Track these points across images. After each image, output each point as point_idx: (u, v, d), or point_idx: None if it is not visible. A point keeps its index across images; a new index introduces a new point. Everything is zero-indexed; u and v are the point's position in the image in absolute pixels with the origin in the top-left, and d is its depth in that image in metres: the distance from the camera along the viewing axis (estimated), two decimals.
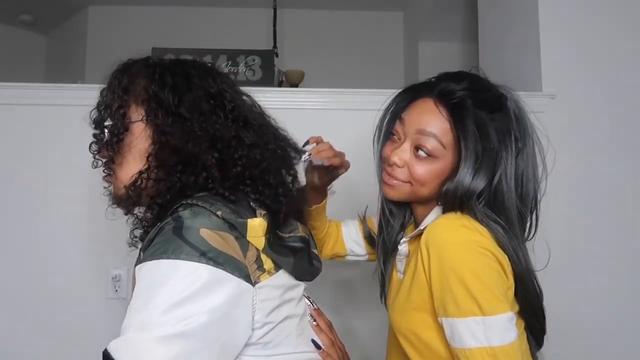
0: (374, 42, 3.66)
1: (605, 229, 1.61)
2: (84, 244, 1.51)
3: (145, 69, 0.79)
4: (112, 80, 0.80)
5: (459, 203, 0.82)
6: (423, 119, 0.86)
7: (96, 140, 0.81)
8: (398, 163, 0.87)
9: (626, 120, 1.65)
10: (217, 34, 3.43)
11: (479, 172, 0.81)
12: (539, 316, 0.86)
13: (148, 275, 0.64)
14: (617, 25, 1.69)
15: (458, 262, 0.75)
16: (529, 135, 0.86)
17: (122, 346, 0.60)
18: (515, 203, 0.83)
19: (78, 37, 3.58)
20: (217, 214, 0.68)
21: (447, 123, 0.84)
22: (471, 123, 0.82)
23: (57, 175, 1.52)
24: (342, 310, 1.57)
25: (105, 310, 1.49)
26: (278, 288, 0.73)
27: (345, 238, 1.16)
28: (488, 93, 0.87)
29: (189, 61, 0.83)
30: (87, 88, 1.59)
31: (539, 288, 0.85)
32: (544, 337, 0.89)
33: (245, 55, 2.24)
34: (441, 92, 0.86)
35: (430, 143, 0.84)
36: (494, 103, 0.85)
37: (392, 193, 0.90)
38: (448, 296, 0.76)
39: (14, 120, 1.53)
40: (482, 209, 0.81)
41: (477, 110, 0.83)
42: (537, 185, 0.87)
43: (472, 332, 0.73)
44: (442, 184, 0.85)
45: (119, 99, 0.78)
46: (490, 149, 0.81)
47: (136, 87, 0.78)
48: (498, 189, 0.82)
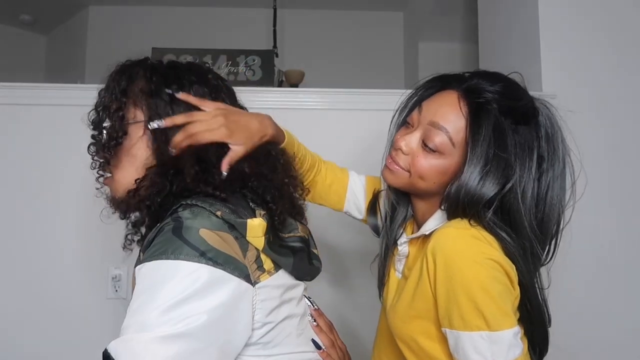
0: (374, 42, 3.66)
1: (605, 229, 1.61)
2: (84, 244, 1.51)
3: (144, 71, 0.79)
4: (110, 81, 0.79)
5: (463, 209, 0.78)
6: (440, 111, 0.82)
7: (94, 142, 0.80)
8: (403, 149, 0.85)
9: (626, 120, 1.65)
10: (217, 34, 3.43)
11: (486, 178, 0.77)
12: (541, 337, 0.84)
13: (148, 276, 0.64)
14: (617, 25, 1.69)
15: (466, 276, 0.73)
16: (558, 158, 0.81)
17: (122, 346, 0.60)
18: (530, 224, 0.78)
19: (78, 37, 3.58)
20: (216, 214, 0.69)
21: (463, 120, 0.80)
22: (489, 126, 0.78)
23: (57, 175, 1.52)
24: (343, 309, 1.57)
25: (105, 310, 1.49)
26: (278, 288, 0.73)
27: (348, 199, 1.08)
28: (519, 102, 0.81)
29: (185, 64, 0.83)
30: (87, 88, 1.59)
31: (547, 311, 0.84)
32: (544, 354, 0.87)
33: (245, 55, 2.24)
34: (469, 87, 0.82)
35: (439, 137, 0.81)
36: (522, 114, 0.80)
37: (390, 177, 0.87)
38: (454, 308, 0.74)
39: (14, 120, 1.53)
40: (491, 217, 0.77)
41: (500, 116, 0.78)
42: (562, 211, 0.83)
43: (476, 347, 0.72)
44: (444, 184, 0.83)
45: (117, 100, 0.77)
46: (503, 158, 0.77)
47: (134, 88, 0.78)
48: (508, 203, 0.78)
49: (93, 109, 0.80)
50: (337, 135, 1.59)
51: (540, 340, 0.84)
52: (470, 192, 0.78)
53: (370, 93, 1.61)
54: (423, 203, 0.90)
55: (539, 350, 0.85)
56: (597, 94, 1.66)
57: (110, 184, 0.81)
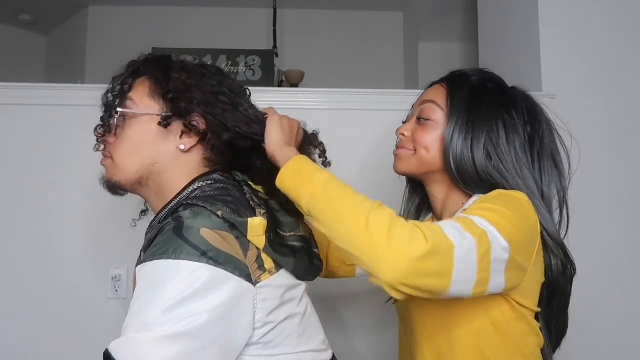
0: (374, 42, 3.65)
1: (605, 229, 1.61)
2: (84, 244, 1.51)
3: (160, 65, 0.81)
4: (128, 68, 0.82)
5: (472, 171, 0.84)
6: (425, 94, 0.95)
7: (102, 124, 0.81)
8: (405, 133, 0.93)
9: (626, 120, 1.65)
10: (217, 34, 3.43)
11: (472, 136, 0.84)
12: (561, 306, 0.86)
13: (149, 276, 0.64)
14: (617, 25, 1.69)
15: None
16: (539, 122, 0.88)
17: (123, 346, 0.60)
18: (535, 181, 0.85)
19: (78, 37, 3.58)
20: (217, 213, 0.69)
21: (445, 90, 0.91)
22: (465, 89, 0.88)
23: (57, 175, 1.51)
24: (343, 309, 1.57)
25: (105, 310, 1.49)
26: (279, 288, 0.73)
27: None
28: (493, 75, 0.93)
29: (201, 65, 0.85)
30: (87, 88, 1.59)
31: (571, 266, 0.86)
32: (562, 338, 0.89)
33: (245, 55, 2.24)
34: (450, 73, 0.94)
35: (428, 108, 0.90)
36: (496, 84, 0.91)
37: (400, 164, 0.93)
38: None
39: (14, 120, 1.53)
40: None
41: (477, 83, 0.89)
42: (563, 179, 0.88)
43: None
44: (444, 154, 0.87)
45: (129, 88, 0.80)
46: (483, 117, 0.85)
47: (146, 81, 0.80)
48: (500, 162, 0.83)
49: (107, 92, 0.83)
50: (337, 135, 1.57)
51: (558, 331, 0.88)
52: (460, 144, 0.85)
53: (371, 93, 1.61)
54: (439, 187, 0.92)
55: (555, 336, 0.88)
56: (596, 94, 1.66)
57: (109, 166, 0.83)
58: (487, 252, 0.69)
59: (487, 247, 0.69)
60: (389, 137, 1.65)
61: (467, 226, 0.70)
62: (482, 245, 0.69)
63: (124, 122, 0.79)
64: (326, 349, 0.83)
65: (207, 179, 0.79)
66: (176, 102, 0.77)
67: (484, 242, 0.69)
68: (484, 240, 0.69)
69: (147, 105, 0.79)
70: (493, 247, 0.70)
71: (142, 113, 0.78)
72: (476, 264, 0.68)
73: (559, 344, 0.91)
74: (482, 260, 0.69)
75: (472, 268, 0.68)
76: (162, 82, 0.79)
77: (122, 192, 0.83)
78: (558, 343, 0.90)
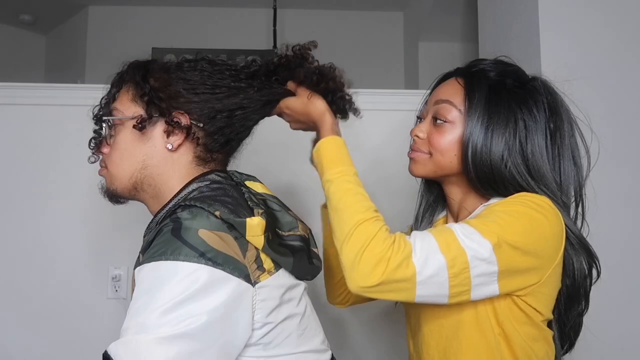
0: (374, 42, 3.65)
1: (605, 231, 1.60)
2: (84, 244, 1.51)
3: (141, 69, 0.81)
4: (114, 79, 0.82)
5: (490, 171, 0.82)
6: (441, 90, 0.90)
7: (96, 136, 0.82)
8: (420, 135, 0.89)
9: (627, 120, 1.65)
10: (217, 34, 3.43)
11: (492, 135, 0.82)
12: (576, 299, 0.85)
13: (147, 277, 0.64)
14: (617, 25, 1.69)
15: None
16: (561, 118, 0.87)
17: (122, 348, 0.60)
18: (554, 179, 0.83)
19: (78, 37, 3.58)
20: (215, 214, 0.69)
21: (462, 89, 0.87)
22: (484, 85, 0.84)
23: (57, 175, 1.52)
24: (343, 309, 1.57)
25: (105, 310, 1.49)
26: (278, 288, 0.73)
27: None
28: (511, 67, 0.89)
29: (185, 60, 0.83)
30: (87, 88, 1.59)
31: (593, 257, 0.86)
32: (576, 339, 0.89)
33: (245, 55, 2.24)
34: (466, 67, 0.90)
35: (444, 108, 0.87)
36: (515, 78, 0.87)
37: (416, 167, 0.91)
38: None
39: (14, 120, 1.53)
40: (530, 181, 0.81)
41: (495, 78, 0.85)
42: (581, 175, 0.88)
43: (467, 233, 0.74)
44: (462, 157, 0.85)
45: (114, 98, 0.81)
46: (502, 114, 0.82)
47: (129, 88, 0.80)
48: (532, 164, 0.82)
49: (99, 104, 0.84)
50: None
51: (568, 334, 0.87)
52: (479, 148, 0.82)
53: (371, 93, 1.60)
54: (457, 189, 0.91)
55: (569, 342, 0.87)
56: (596, 94, 1.65)
57: (106, 176, 0.84)
58: (462, 270, 0.72)
59: (462, 266, 0.72)
60: (388, 137, 1.65)
61: (446, 245, 0.72)
62: (456, 264, 0.72)
63: (115, 131, 0.80)
64: (326, 349, 0.83)
65: (205, 180, 0.79)
66: (155, 101, 0.77)
67: (458, 262, 0.72)
68: (458, 260, 0.72)
69: (131, 110, 0.79)
70: (472, 265, 0.72)
71: (121, 118, 0.79)
72: (447, 281, 0.72)
73: (573, 346, 0.89)
74: (455, 277, 0.72)
75: (441, 286, 0.72)
76: (141, 84, 0.79)
77: (122, 201, 0.84)
78: (572, 345, 0.89)
